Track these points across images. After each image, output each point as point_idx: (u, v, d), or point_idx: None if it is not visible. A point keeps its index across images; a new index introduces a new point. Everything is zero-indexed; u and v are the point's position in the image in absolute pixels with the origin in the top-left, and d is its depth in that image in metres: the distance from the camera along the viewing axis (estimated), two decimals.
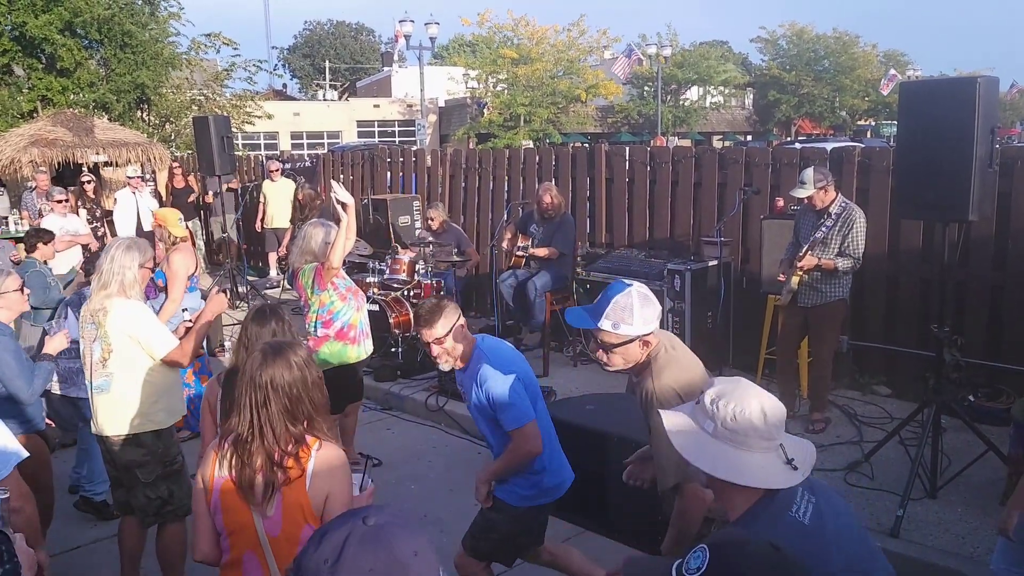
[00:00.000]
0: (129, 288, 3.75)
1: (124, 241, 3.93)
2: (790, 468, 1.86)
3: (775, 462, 1.87)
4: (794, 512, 1.86)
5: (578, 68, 35.56)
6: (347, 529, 1.19)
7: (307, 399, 2.33)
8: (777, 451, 1.88)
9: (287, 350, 2.39)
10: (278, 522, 2.29)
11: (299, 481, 2.28)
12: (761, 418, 1.87)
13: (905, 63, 43.94)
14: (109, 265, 3.74)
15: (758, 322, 6.56)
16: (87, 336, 3.78)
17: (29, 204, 10.15)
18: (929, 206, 4.55)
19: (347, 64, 58.43)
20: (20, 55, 14.39)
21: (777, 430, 1.89)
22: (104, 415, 3.76)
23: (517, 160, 9.19)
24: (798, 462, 1.87)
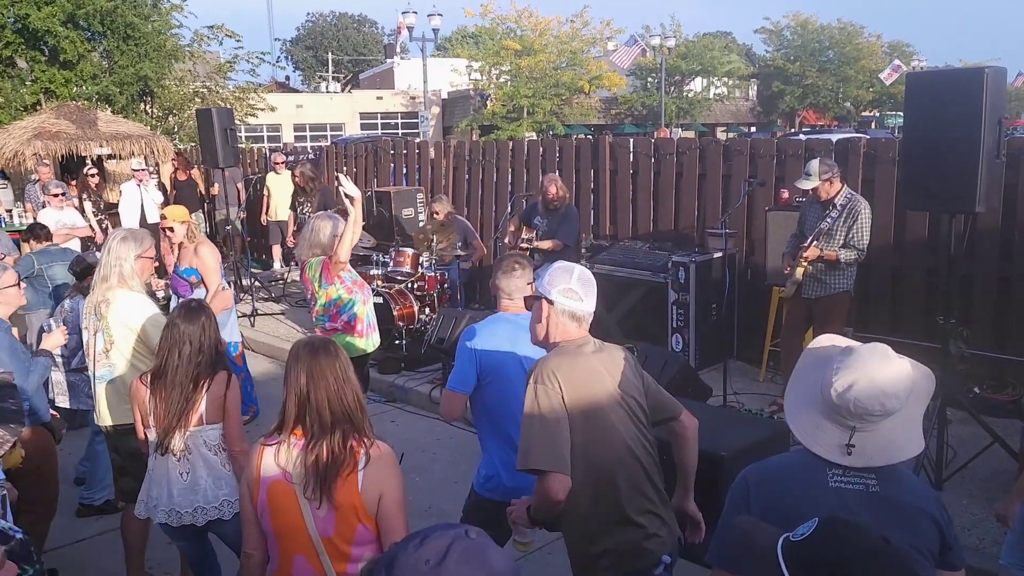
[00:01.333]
0: (129, 279, 3.78)
1: (121, 232, 3.95)
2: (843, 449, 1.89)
3: (835, 435, 1.91)
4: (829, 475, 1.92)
5: (581, 59, 35.46)
6: (451, 537, 1.19)
7: (352, 396, 2.34)
8: (843, 429, 1.90)
9: (330, 347, 2.40)
10: (331, 522, 2.26)
11: (351, 479, 2.26)
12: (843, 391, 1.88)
13: (910, 54, 43.71)
14: (107, 257, 3.78)
15: (763, 314, 6.54)
16: (90, 327, 3.81)
17: (32, 197, 10.16)
18: (935, 197, 4.53)
19: (350, 56, 58.32)
20: (23, 47, 14.37)
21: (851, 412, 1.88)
22: (106, 405, 3.80)
23: (521, 152, 9.17)
24: (859, 451, 1.89)
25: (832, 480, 1.92)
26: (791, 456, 2.12)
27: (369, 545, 2.30)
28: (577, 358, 2.53)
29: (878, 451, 1.91)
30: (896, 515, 1.88)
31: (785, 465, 2.08)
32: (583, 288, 2.55)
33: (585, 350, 2.57)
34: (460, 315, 6.86)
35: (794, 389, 2.08)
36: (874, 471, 1.92)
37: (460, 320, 6.74)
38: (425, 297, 7.66)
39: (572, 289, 2.53)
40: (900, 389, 1.90)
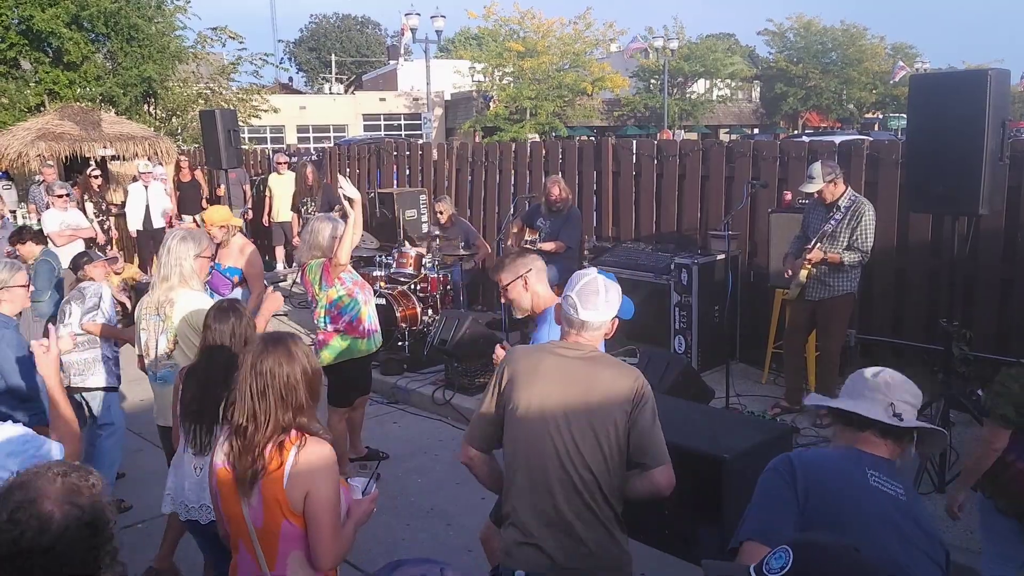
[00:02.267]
0: (189, 278, 3.83)
1: (180, 232, 4.00)
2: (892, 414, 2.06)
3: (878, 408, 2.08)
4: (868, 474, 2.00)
5: (584, 61, 35.47)
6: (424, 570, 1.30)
7: (302, 391, 2.33)
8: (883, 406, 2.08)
9: (287, 340, 2.40)
10: (260, 514, 2.30)
11: (276, 474, 2.26)
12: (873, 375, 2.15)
13: (913, 55, 43.66)
14: (167, 257, 3.82)
15: (765, 316, 6.54)
16: (151, 328, 3.83)
17: (36, 198, 10.19)
18: (939, 199, 4.52)
19: (353, 57, 58.39)
20: (27, 49, 14.41)
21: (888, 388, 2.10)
22: (166, 406, 3.82)
23: (523, 154, 9.17)
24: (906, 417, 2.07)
25: (872, 479, 1.99)
26: (826, 450, 2.25)
27: (296, 542, 2.30)
28: (547, 356, 2.59)
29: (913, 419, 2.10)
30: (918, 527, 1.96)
31: (824, 456, 2.17)
32: (581, 299, 2.56)
33: (562, 351, 2.58)
34: (463, 316, 6.87)
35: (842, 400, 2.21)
36: (901, 482, 2.02)
37: (463, 322, 6.74)
38: (428, 298, 7.67)
39: (570, 297, 2.58)
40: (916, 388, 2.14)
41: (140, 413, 6.45)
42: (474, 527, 4.19)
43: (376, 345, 5.15)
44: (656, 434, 2.50)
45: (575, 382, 2.51)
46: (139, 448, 5.83)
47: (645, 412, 2.49)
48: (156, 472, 5.42)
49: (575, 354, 2.56)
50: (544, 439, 2.49)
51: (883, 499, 1.96)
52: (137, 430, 6.01)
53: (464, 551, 4.27)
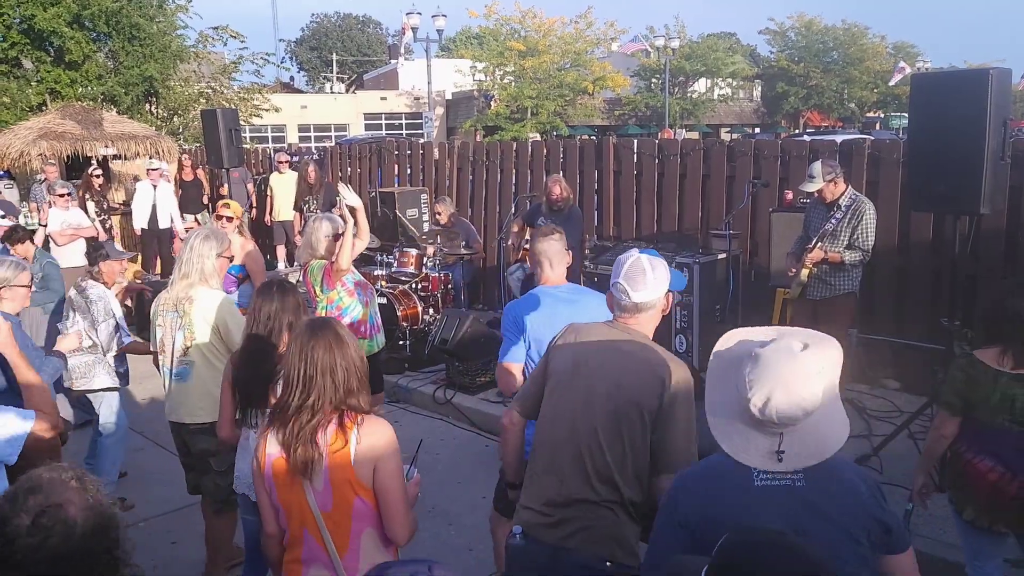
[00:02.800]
0: (210, 277, 3.86)
1: (203, 231, 4.04)
2: (775, 456, 1.88)
3: (764, 443, 1.90)
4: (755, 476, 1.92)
5: (585, 60, 35.50)
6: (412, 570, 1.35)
7: (353, 373, 2.35)
8: (770, 437, 1.89)
9: (333, 324, 2.42)
10: (329, 496, 2.31)
11: (343, 454, 2.28)
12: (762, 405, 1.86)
13: (915, 55, 43.65)
14: (188, 255, 3.86)
15: (766, 315, 6.53)
16: (168, 324, 3.86)
17: (38, 197, 10.19)
18: (940, 199, 4.52)
19: (354, 57, 58.39)
20: (29, 48, 14.42)
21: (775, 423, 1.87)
22: (181, 403, 3.86)
23: (525, 153, 9.17)
24: (788, 455, 1.89)
25: (758, 479, 1.93)
26: (718, 459, 2.05)
27: (369, 520, 2.34)
28: (595, 335, 2.61)
29: (807, 451, 1.90)
30: (822, 511, 1.88)
31: (718, 468, 2.03)
32: (629, 281, 2.51)
33: (611, 332, 2.59)
34: (464, 316, 6.87)
35: (712, 399, 2.05)
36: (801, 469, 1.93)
37: (464, 321, 6.75)
38: (429, 298, 7.67)
39: (619, 283, 2.56)
40: (816, 388, 1.86)
41: (142, 412, 6.46)
42: (475, 526, 4.20)
43: (379, 345, 5.14)
44: (676, 439, 2.44)
45: (611, 364, 2.51)
46: (140, 447, 5.84)
47: (673, 412, 2.43)
48: (157, 471, 5.44)
49: (622, 338, 2.55)
50: (568, 417, 2.53)
51: (774, 496, 1.89)
52: (139, 429, 6.02)
53: (465, 550, 4.27)
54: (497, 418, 6.09)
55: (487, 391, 6.50)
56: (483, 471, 4.90)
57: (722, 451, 1.97)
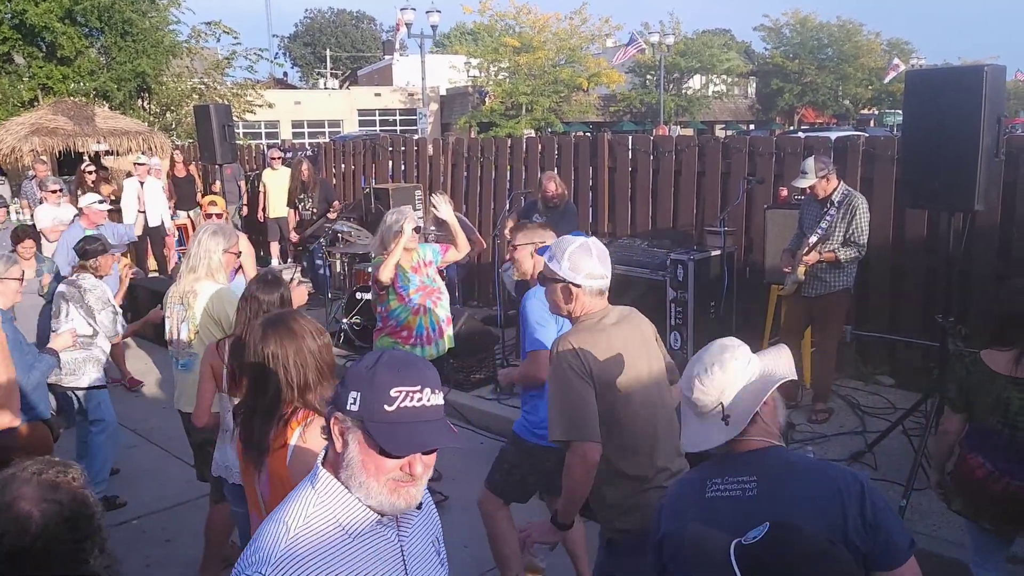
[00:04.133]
0: (216, 271, 3.93)
1: (211, 227, 4.11)
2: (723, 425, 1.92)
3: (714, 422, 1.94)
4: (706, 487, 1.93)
5: (580, 56, 35.44)
6: (380, 351, 1.61)
7: (309, 369, 2.33)
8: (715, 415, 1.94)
9: (288, 319, 2.40)
10: (267, 487, 2.34)
11: (281, 453, 2.28)
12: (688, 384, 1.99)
13: (909, 51, 43.71)
14: (196, 249, 3.94)
15: (761, 312, 6.54)
16: (175, 316, 3.96)
17: (29, 193, 10.14)
18: (934, 196, 4.52)
19: (348, 52, 58.24)
20: (20, 43, 14.32)
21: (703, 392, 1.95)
22: (185, 393, 3.94)
23: (519, 149, 9.15)
24: (734, 418, 1.91)
25: (709, 490, 1.92)
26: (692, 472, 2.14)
27: None
28: (600, 334, 2.65)
29: (747, 401, 1.92)
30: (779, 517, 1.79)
31: (684, 482, 2.10)
32: (603, 265, 2.67)
33: (606, 322, 2.68)
34: (458, 313, 6.85)
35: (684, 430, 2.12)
36: (754, 472, 1.90)
37: (458, 318, 6.72)
38: None
39: (597, 270, 2.65)
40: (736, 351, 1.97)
41: (135, 410, 6.44)
42: (470, 522, 4.19)
43: (426, 356, 4.79)
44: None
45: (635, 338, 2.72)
46: (133, 444, 5.81)
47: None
48: (150, 468, 5.42)
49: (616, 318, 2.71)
50: (651, 398, 2.69)
51: (722, 505, 1.88)
52: (132, 427, 6.00)
53: (460, 547, 4.26)
54: (492, 415, 6.09)
55: (482, 388, 6.48)
56: (477, 468, 4.88)
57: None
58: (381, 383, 1.50)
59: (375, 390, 1.50)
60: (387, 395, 1.49)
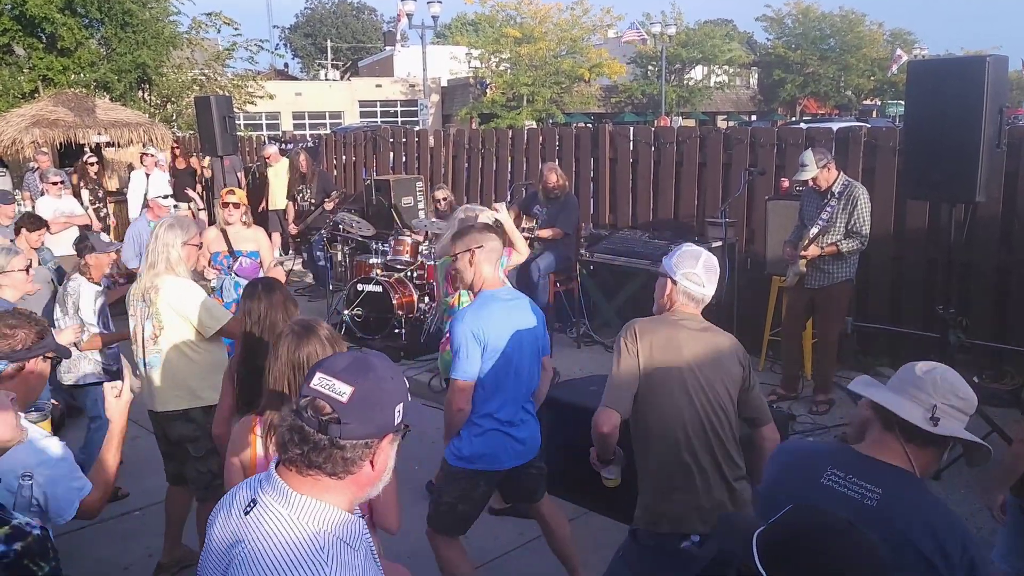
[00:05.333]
0: (176, 265, 3.84)
1: (167, 220, 4.02)
2: (930, 417, 1.90)
3: (918, 409, 1.93)
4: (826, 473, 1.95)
5: (581, 47, 35.33)
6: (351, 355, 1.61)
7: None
8: (924, 408, 1.92)
9: (316, 327, 2.39)
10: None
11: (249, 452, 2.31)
12: (927, 370, 1.97)
13: (912, 42, 43.57)
14: (154, 244, 3.85)
15: (762, 303, 6.54)
16: (138, 314, 3.86)
17: (31, 185, 10.14)
18: (936, 186, 4.51)
19: (349, 43, 58.07)
20: (20, 34, 14.29)
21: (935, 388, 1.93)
22: (153, 391, 3.86)
23: (520, 140, 9.14)
24: (943, 424, 1.90)
25: (826, 478, 1.92)
26: (810, 444, 2.18)
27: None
28: (669, 328, 2.73)
29: (952, 426, 1.92)
30: (890, 525, 1.81)
31: (800, 452, 2.16)
32: (706, 274, 2.75)
33: (685, 324, 2.74)
34: None
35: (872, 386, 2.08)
36: (881, 485, 1.88)
37: None
38: (424, 286, 7.65)
39: (696, 274, 2.74)
40: (973, 394, 1.97)
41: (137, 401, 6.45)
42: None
43: None
44: (760, 397, 2.86)
45: (706, 349, 2.72)
46: (135, 435, 5.80)
47: (755, 377, 2.84)
48: (152, 460, 5.40)
49: (699, 326, 2.77)
50: (686, 401, 2.68)
51: (836, 501, 1.86)
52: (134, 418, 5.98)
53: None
54: None
55: None
56: None
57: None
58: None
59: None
60: None
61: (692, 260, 2.75)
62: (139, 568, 4.18)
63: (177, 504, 4.05)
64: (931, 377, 1.93)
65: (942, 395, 1.91)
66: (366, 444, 1.42)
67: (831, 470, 1.93)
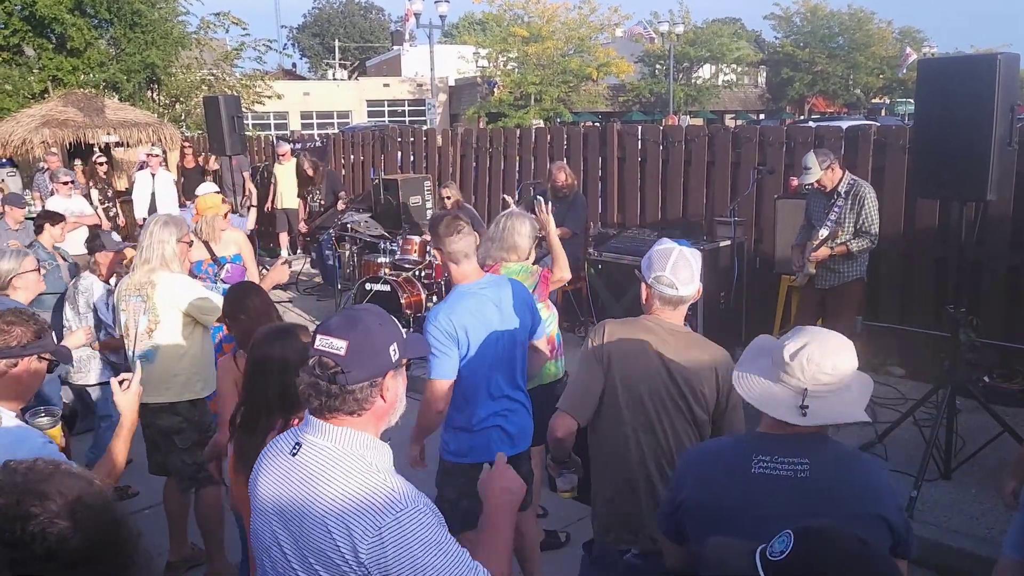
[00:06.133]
0: (170, 261, 3.91)
1: (161, 217, 4.09)
2: (799, 410, 1.88)
3: (789, 398, 1.91)
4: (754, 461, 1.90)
5: (589, 46, 35.31)
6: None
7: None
8: (795, 393, 1.90)
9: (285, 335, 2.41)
10: None
11: None
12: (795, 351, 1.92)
13: (921, 40, 43.37)
14: (148, 240, 3.90)
15: (771, 302, 6.52)
16: (131, 309, 3.90)
17: (41, 185, 10.19)
18: (946, 185, 4.48)
19: (357, 43, 58.18)
20: (30, 35, 14.38)
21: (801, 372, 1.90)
22: (145, 384, 3.82)
23: (528, 139, 9.13)
24: (812, 411, 1.88)
25: (756, 466, 1.90)
26: (724, 441, 2.17)
27: None
28: (642, 332, 2.62)
29: (829, 413, 1.90)
30: (831, 509, 1.80)
31: (716, 450, 2.10)
32: (678, 275, 2.59)
33: (659, 330, 2.62)
34: None
35: (743, 370, 2.05)
36: (807, 455, 1.89)
37: None
38: (432, 285, 7.66)
39: (666, 276, 2.60)
40: (848, 359, 1.94)
41: None
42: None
43: (562, 371, 4.31)
44: (738, 420, 2.65)
45: (676, 360, 2.58)
46: None
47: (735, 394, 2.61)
48: None
49: (673, 334, 2.63)
50: (642, 412, 2.60)
51: (773, 485, 1.86)
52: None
53: None
54: None
55: None
56: None
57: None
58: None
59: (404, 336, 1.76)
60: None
61: (662, 261, 2.60)
62: None
63: (174, 501, 4.07)
64: (799, 360, 1.89)
65: (811, 377, 1.88)
66: (371, 384, 1.66)
67: (757, 456, 1.91)
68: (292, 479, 1.68)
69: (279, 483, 1.71)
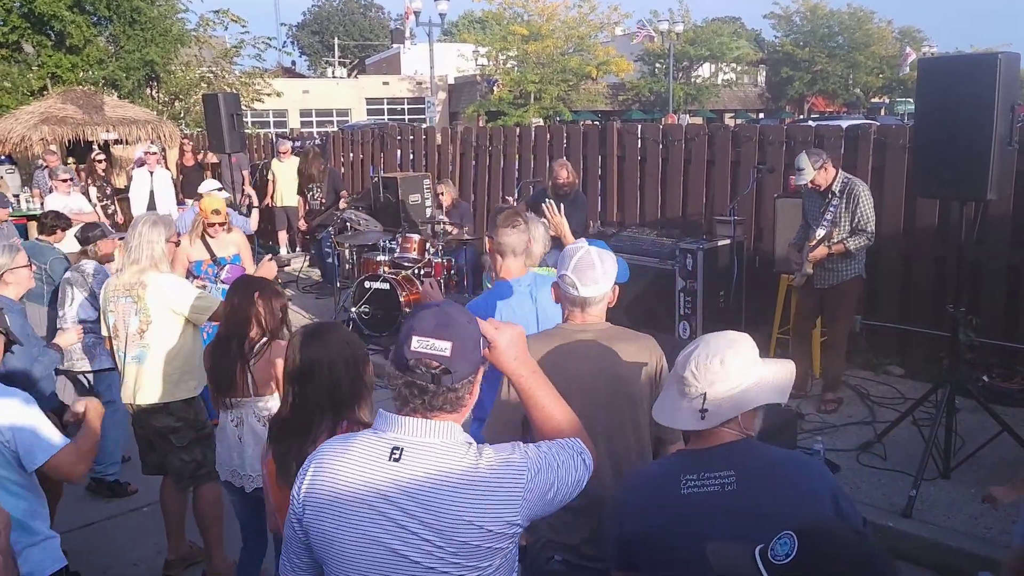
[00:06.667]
0: (160, 262, 3.90)
1: (150, 216, 4.08)
2: (699, 415, 1.89)
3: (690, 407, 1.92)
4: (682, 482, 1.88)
5: (589, 45, 35.28)
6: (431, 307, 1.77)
7: (346, 381, 2.30)
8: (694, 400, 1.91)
9: (326, 332, 2.37)
10: None
11: None
12: (683, 358, 1.95)
13: (920, 39, 43.35)
14: (137, 240, 3.89)
15: (771, 301, 6.52)
16: (121, 309, 3.88)
17: (41, 182, 10.17)
18: (946, 184, 4.48)
19: (356, 41, 58.14)
20: (29, 32, 14.36)
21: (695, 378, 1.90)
22: (138, 385, 3.90)
23: (528, 138, 9.13)
24: (712, 412, 1.88)
25: (685, 487, 1.88)
26: (653, 468, 2.12)
27: None
28: (558, 342, 2.48)
29: (729, 408, 1.90)
30: (763, 511, 1.77)
31: (648, 476, 2.06)
32: (580, 275, 2.48)
33: (576, 335, 2.50)
34: (463, 302, 6.84)
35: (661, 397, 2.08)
36: (732, 466, 1.86)
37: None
38: None
39: (568, 276, 2.50)
40: (739, 352, 1.94)
41: None
42: None
43: None
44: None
45: (596, 362, 2.45)
46: None
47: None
48: None
49: (588, 335, 2.49)
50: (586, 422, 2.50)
51: (703, 502, 1.84)
52: None
53: None
54: None
55: None
56: None
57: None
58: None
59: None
60: None
61: (567, 260, 2.51)
62: (147, 564, 4.20)
63: (171, 499, 4.07)
64: (689, 369, 1.91)
65: (707, 381, 1.89)
66: (469, 380, 1.72)
67: (684, 477, 1.89)
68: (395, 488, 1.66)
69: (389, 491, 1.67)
